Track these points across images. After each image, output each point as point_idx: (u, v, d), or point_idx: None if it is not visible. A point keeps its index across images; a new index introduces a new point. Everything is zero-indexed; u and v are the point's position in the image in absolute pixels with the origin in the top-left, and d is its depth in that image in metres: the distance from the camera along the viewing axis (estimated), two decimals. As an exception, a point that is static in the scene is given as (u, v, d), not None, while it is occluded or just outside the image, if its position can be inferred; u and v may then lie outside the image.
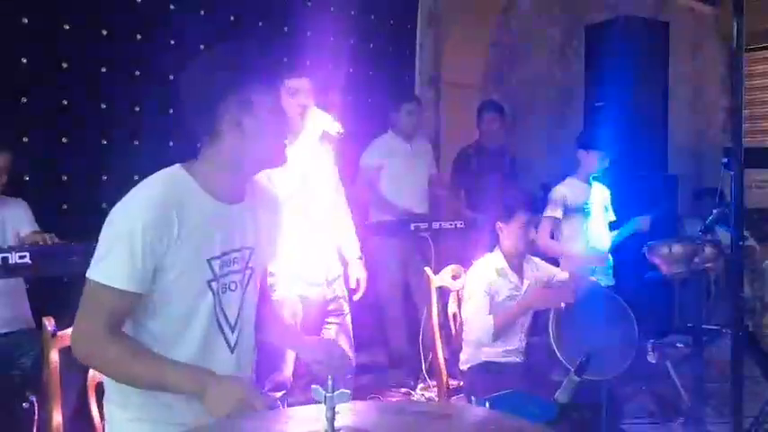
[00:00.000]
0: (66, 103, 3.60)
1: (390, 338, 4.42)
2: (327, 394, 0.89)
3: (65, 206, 3.58)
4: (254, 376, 1.67)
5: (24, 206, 3.17)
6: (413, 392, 4.09)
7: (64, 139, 3.60)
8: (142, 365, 1.52)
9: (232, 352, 1.68)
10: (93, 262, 1.53)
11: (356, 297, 3.39)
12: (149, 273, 1.53)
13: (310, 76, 3.14)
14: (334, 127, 3.05)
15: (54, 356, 2.16)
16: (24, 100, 3.40)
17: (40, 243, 2.84)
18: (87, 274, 1.53)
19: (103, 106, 3.74)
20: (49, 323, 2.09)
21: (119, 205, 1.56)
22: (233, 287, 1.67)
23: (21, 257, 2.50)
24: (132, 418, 1.63)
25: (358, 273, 3.36)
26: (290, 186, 2.93)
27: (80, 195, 3.58)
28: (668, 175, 5.29)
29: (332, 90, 4.59)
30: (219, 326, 1.65)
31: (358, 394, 3.79)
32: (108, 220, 1.55)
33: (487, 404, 1.46)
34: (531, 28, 6.08)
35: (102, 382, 1.74)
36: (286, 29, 4.45)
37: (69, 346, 1.60)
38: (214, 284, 1.62)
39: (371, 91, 4.89)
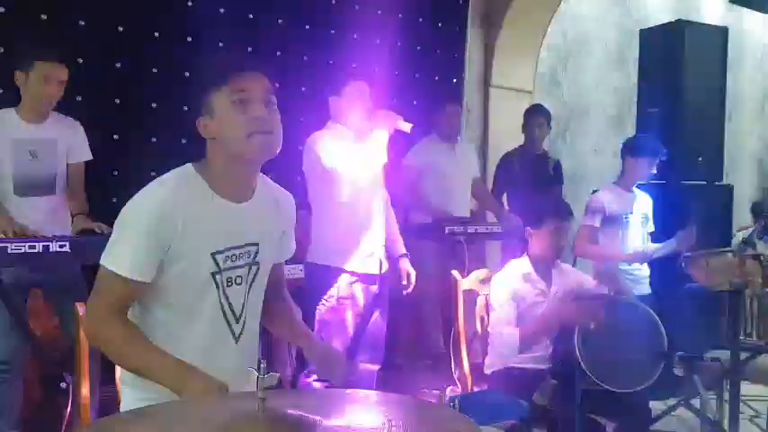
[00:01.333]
0: (118, 101, 3.79)
1: (425, 340, 4.45)
2: (259, 376, 0.97)
3: (114, 199, 3.75)
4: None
5: (81, 132, 3.21)
6: (443, 394, 4.11)
7: (115, 136, 3.79)
8: (133, 351, 1.62)
9: (237, 342, 1.76)
10: (105, 249, 1.64)
11: (407, 292, 3.45)
12: (154, 263, 1.62)
13: (367, 79, 3.23)
14: (406, 125, 3.13)
15: (85, 339, 2.30)
16: (79, 98, 3.57)
17: (96, 231, 2.96)
18: (101, 259, 1.64)
19: (154, 105, 3.92)
20: (81, 309, 2.23)
21: (133, 199, 1.67)
22: (238, 281, 1.75)
23: (60, 246, 2.66)
24: (141, 398, 1.72)
25: (408, 268, 3.43)
26: (365, 181, 3.07)
27: (130, 190, 3.73)
28: (721, 186, 5.12)
29: (377, 92, 4.65)
30: (225, 317, 1.73)
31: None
32: (122, 212, 1.66)
33: (456, 401, 1.49)
34: (586, 31, 5.99)
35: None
36: (333, 32, 4.53)
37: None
38: (218, 277, 1.70)
39: (417, 94, 4.92)
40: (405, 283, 3.43)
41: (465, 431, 0.99)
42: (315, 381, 3.11)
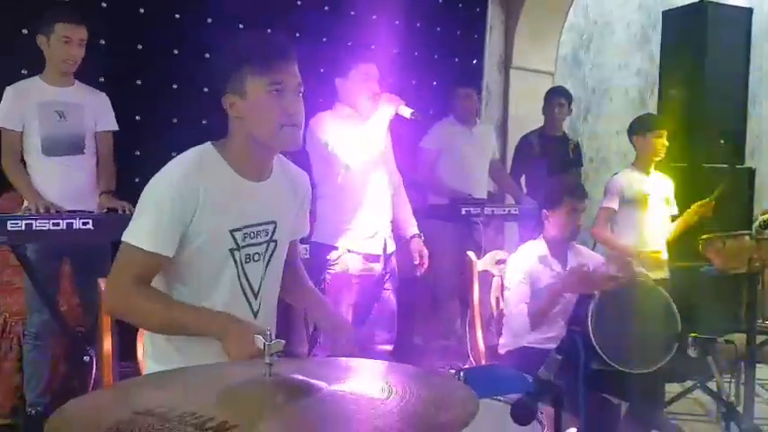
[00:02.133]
0: (139, 83, 3.85)
1: (441, 321, 4.49)
2: (266, 343, 1.01)
3: (137, 179, 3.82)
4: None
5: (106, 100, 3.33)
6: (449, 368, 4.15)
7: (137, 117, 3.85)
8: (166, 310, 1.66)
9: (255, 317, 1.80)
10: (128, 226, 1.69)
11: (419, 272, 3.46)
12: (175, 238, 1.66)
13: (377, 60, 3.21)
14: (407, 111, 3.11)
15: (107, 315, 2.37)
16: (101, 80, 3.60)
17: (119, 211, 3.04)
18: (122, 236, 1.68)
19: (174, 86, 3.98)
20: (103, 284, 2.29)
21: (155, 177, 1.71)
22: (256, 258, 1.79)
23: (84, 223, 2.72)
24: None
25: (421, 248, 3.43)
26: (362, 161, 3.05)
27: (151, 170, 3.79)
28: (742, 168, 5.05)
29: (397, 73, 4.64)
30: (243, 292, 1.78)
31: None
32: (144, 189, 1.71)
33: (462, 374, 1.53)
34: (609, 11, 5.93)
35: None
36: (353, 13, 4.54)
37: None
38: (236, 254, 1.74)
39: (437, 75, 4.92)
40: (417, 263, 3.42)
41: (464, 399, 1.02)
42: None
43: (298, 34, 4.30)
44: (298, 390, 0.98)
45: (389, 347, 3.36)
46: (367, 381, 1.09)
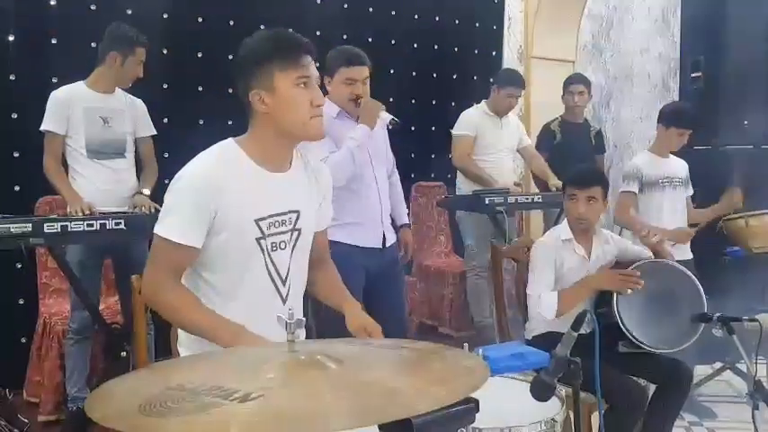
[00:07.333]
0: (165, 86, 3.95)
1: (469, 310, 4.52)
2: (288, 321, 1.07)
3: (166, 180, 3.91)
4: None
5: (143, 107, 3.49)
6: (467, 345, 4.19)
7: (165, 120, 3.95)
8: (189, 314, 1.75)
9: (284, 303, 1.88)
10: (158, 219, 1.78)
11: (404, 262, 3.47)
12: (203, 230, 1.75)
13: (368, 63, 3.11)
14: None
15: (141, 311, 2.46)
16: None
17: (144, 210, 3.16)
18: (154, 229, 1.77)
19: (200, 89, 4.07)
20: (136, 282, 2.38)
21: (180, 172, 1.79)
22: (282, 246, 1.86)
23: (116, 224, 2.83)
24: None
25: (408, 239, 3.45)
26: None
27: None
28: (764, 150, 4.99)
29: (417, 66, 4.69)
30: (272, 279, 1.85)
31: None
32: (171, 184, 1.79)
33: (481, 351, 1.58)
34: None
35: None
36: (371, 9, 4.59)
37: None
38: (263, 242, 1.82)
39: (456, 67, 4.95)
40: (402, 253, 3.39)
41: (474, 368, 1.07)
42: None
43: (318, 33, 4.37)
44: (317, 363, 1.05)
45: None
46: (384, 355, 1.15)
